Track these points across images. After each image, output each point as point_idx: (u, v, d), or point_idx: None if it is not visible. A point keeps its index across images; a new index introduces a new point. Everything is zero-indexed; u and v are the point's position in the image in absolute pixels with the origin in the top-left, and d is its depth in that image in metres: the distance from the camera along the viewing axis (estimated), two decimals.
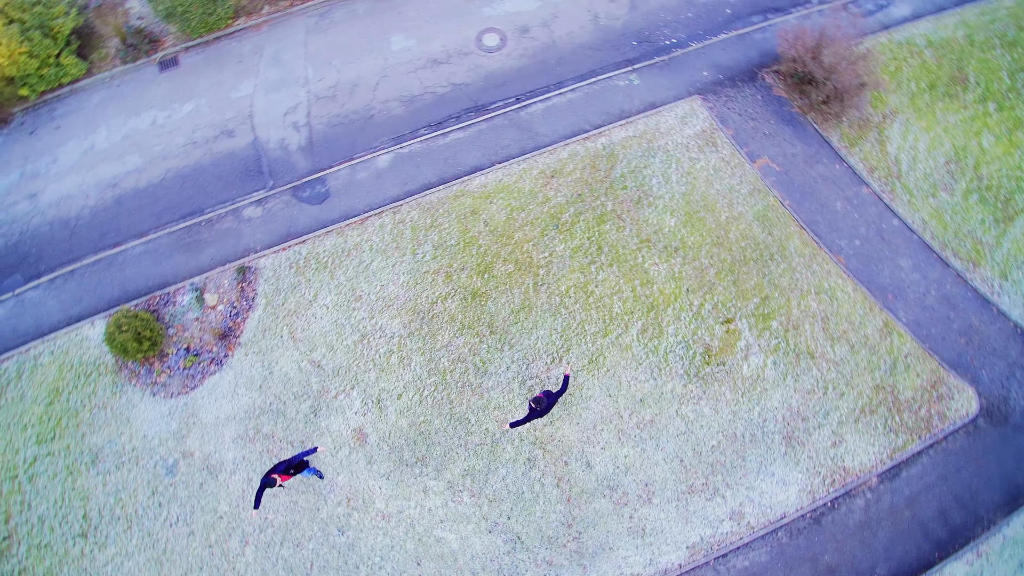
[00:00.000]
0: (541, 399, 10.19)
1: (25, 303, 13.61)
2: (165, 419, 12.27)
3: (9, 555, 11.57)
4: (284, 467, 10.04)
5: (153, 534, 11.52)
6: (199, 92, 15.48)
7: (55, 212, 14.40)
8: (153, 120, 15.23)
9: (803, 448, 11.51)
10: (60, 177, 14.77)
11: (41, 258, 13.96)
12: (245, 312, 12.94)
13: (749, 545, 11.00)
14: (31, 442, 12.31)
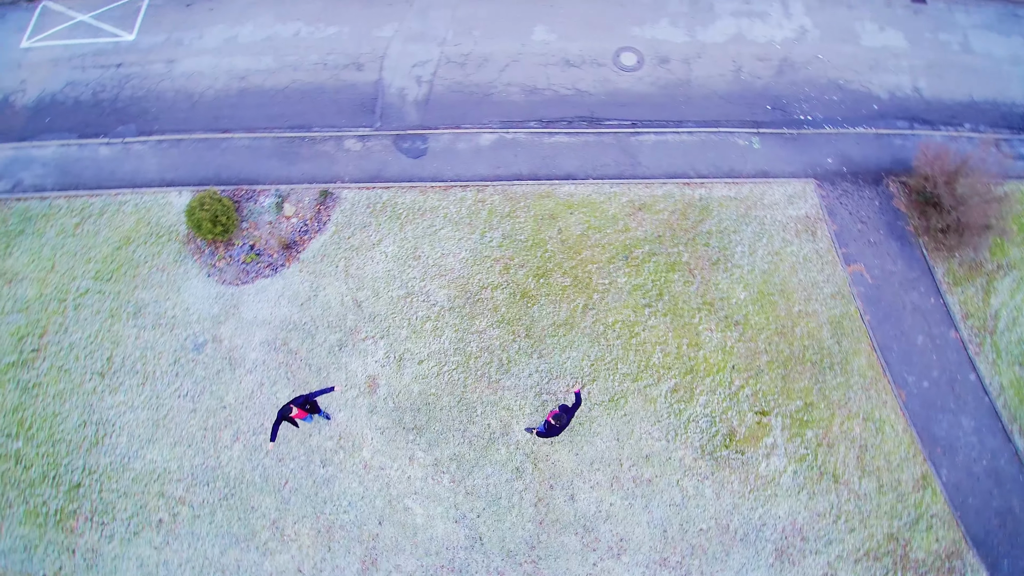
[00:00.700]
0: (560, 416, 9.81)
1: (130, 153, 14.29)
2: (210, 301, 12.62)
3: (32, 366, 12.24)
4: (302, 401, 10.05)
5: (161, 398, 11.89)
6: (345, 20, 15.74)
7: (184, 83, 15.02)
8: (296, 32, 15.62)
9: (792, 568, 10.64)
10: (199, 54, 15.39)
11: (158, 119, 14.61)
12: (314, 232, 13.11)
13: None
14: (89, 276, 12.93)
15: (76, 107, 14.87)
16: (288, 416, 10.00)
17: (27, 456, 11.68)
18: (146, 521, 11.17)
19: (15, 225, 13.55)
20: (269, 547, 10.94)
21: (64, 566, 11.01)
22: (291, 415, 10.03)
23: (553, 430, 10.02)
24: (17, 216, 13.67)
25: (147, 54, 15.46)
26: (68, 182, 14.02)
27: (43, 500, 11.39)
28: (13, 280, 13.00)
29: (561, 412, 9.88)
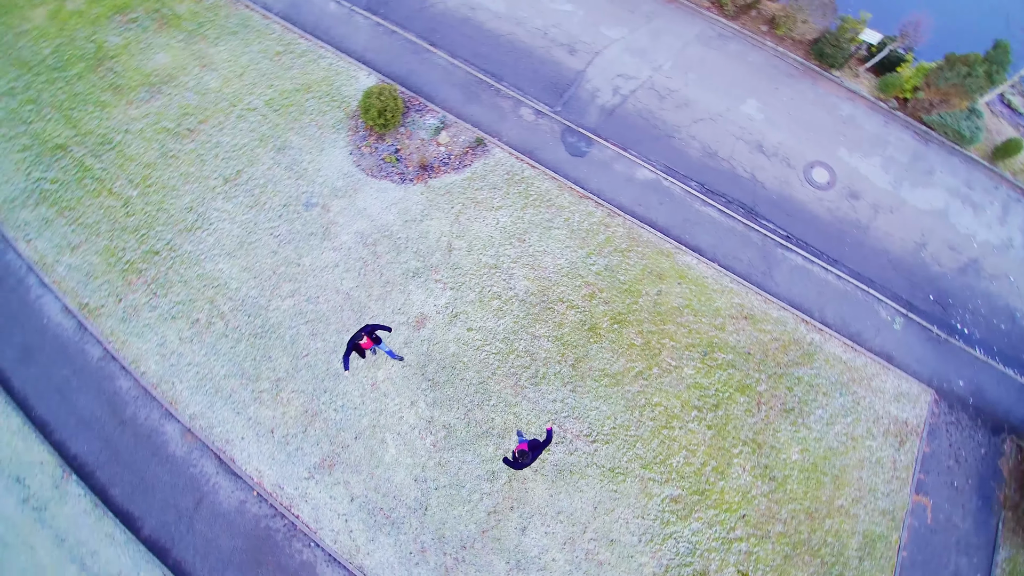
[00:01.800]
0: (527, 452, 9.04)
1: (351, 20, 14.96)
2: (339, 175, 13.02)
3: (180, 141, 13.23)
4: (369, 330, 10.04)
5: (257, 227, 12.47)
6: (584, 4, 15.50)
7: None
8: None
9: None
10: None
11: (387, 4, 15.20)
12: (451, 168, 13.13)
13: None
14: (263, 98, 13.75)
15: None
16: (357, 344, 9.99)
17: (134, 206, 12.70)
18: (186, 313, 11.84)
19: (232, 25, 14.66)
20: (262, 397, 11.26)
21: (107, 303, 11.94)
22: (360, 343, 10.00)
23: (516, 464, 9.23)
24: (238, 19, 14.76)
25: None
26: (291, 16, 14.93)
27: (124, 247, 12.37)
28: (207, 67, 14.07)
29: (529, 449, 9.15)
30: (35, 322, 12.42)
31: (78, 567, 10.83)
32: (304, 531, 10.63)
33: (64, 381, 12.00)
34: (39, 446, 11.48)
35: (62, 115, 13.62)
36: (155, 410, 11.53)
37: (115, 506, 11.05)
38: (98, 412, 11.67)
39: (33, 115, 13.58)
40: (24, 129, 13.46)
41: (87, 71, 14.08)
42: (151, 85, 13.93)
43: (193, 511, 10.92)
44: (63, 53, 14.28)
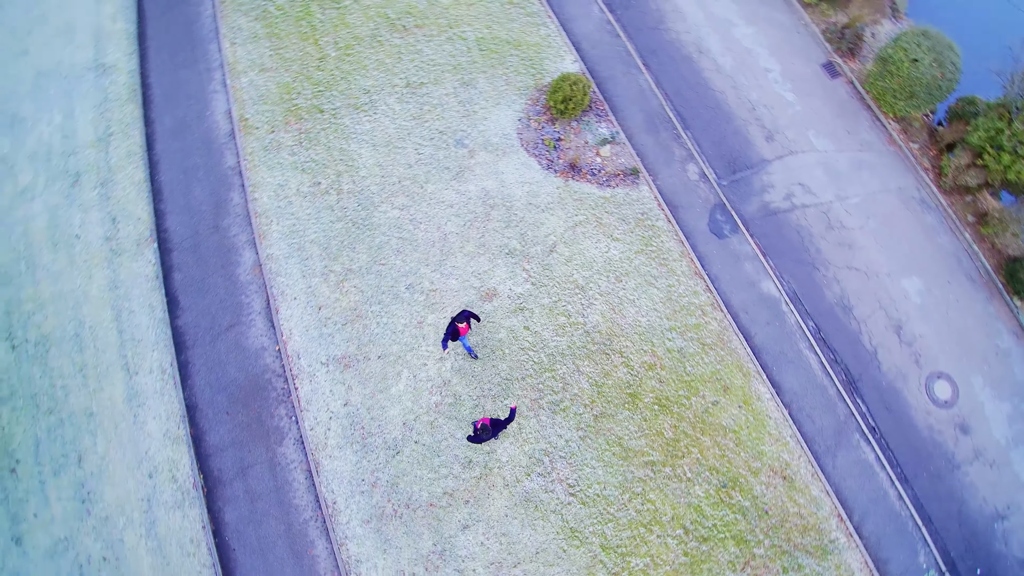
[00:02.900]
0: (488, 427, 9.46)
1: (587, 8, 14.89)
2: (498, 132, 13.11)
3: (389, 36, 13.83)
4: (467, 315, 10.02)
5: (409, 135, 12.93)
6: (806, 103, 14.41)
7: (674, 26, 15.09)
8: (768, 67, 14.71)
9: None
10: (693, 5, 15.29)
11: (629, 11, 15.00)
12: (596, 181, 12.78)
13: None
14: (475, 35, 14.07)
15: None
16: (455, 328, 9.94)
17: (327, 64, 13.69)
18: (314, 172, 12.58)
19: None
20: (328, 276, 11.79)
21: (261, 127, 12.90)
22: (460, 326, 9.97)
23: (478, 437, 9.59)
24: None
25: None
26: None
27: (300, 92, 13.34)
28: None
29: (491, 424, 9.49)
30: (200, 109, 13.61)
31: (112, 316, 11.87)
32: (293, 404, 11.00)
33: (194, 167, 13.07)
34: (145, 204, 12.65)
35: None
36: (245, 233, 12.32)
37: (170, 287, 11.98)
38: (204, 207, 12.66)
39: None
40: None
41: None
42: None
43: (223, 331, 11.62)
44: None
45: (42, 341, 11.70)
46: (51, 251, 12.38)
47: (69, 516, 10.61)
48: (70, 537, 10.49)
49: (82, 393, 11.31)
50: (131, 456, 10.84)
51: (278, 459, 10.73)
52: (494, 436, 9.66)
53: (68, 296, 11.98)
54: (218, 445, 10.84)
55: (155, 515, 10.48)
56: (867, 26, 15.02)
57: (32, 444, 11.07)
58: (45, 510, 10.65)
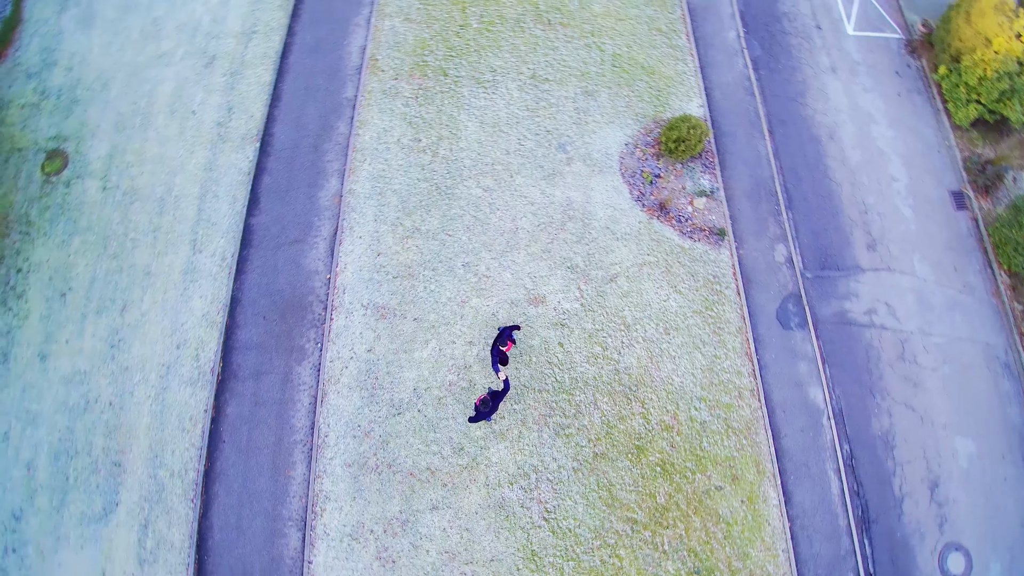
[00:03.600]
0: (487, 400, 9.50)
1: (730, 57, 14.38)
2: (603, 151, 12.87)
3: (541, 28, 13.81)
4: (508, 332, 9.96)
5: (517, 124, 12.93)
6: (921, 222, 13.40)
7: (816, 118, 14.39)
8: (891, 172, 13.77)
9: None
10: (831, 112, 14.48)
11: (774, 73, 14.40)
12: (679, 228, 12.33)
13: None
14: (612, 48, 13.85)
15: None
16: (501, 348, 9.83)
17: (466, 33, 13.93)
18: (419, 129, 12.82)
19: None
20: (397, 229, 11.99)
21: (386, 71, 13.27)
22: (504, 348, 9.88)
23: (480, 414, 9.57)
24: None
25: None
26: (697, 10, 14.70)
27: (433, 51, 13.71)
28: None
29: (488, 397, 9.55)
30: (340, 37, 14.07)
31: (198, 193, 12.46)
32: (324, 332, 11.22)
33: (315, 87, 13.51)
34: (261, 106, 13.23)
35: None
36: (338, 162, 12.64)
37: (256, 186, 12.47)
38: (311, 126, 13.08)
39: None
40: None
41: None
42: None
43: (287, 243, 11.99)
44: None
45: (131, 192, 12.43)
46: (167, 117, 13.11)
47: (95, 355, 11.25)
48: (88, 373, 11.12)
49: (147, 251, 11.94)
50: (168, 323, 11.37)
51: (292, 376, 10.99)
52: (493, 411, 9.62)
53: (167, 162, 12.66)
54: (245, 343, 11.21)
55: (168, 383, 10.96)
56: (1012, 169, 13.81)
57: (88, 279, 11.79)
58: (77, 341, 11.33)
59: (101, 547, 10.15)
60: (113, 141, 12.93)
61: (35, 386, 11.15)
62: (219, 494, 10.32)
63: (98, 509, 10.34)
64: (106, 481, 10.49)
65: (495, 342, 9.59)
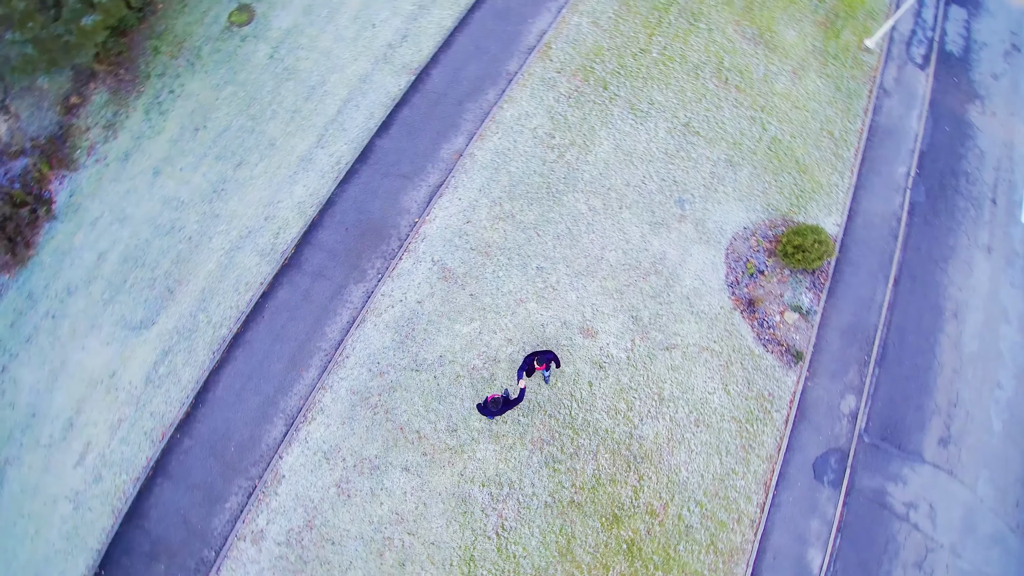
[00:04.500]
0: (498, 400, 9.07)
1: (891, 190, 13.21)
2: (718, 225, 12.19)
3: (719, 83, 13.23)
4: (553, 356, 9.47)
5: (646, 158, 12.44)
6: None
7: None
8: None
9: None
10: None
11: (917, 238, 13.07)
12: (757, 330, 11.51)
13: None
14: (775, 127, 13.06)
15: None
16: (535, 363, 9.43)
17: (643, 59, 13.43)
18: (556, 128, 12.61)
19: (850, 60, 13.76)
20: (494, 209, 11.93)
21: (551, 62, 13.06)
22: (539, 365, 9.47)
23: (487, 410, 9.19)
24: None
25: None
26: (879, 126, 13.55)
27: (604, 62, 13.21)
28: (787, 68, 13.58)
29: (501, 398, 9.11)
30: (529, 14, 14.06)
31: (343, 96, 12.88)
32: (388, 267, 11.37)
33: (484, 49, 13.61)
34: (432, 45, 13.46)
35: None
36: (472, 124, 12.72)
37: (394, 115, 12.78)
38: (463, 84, 13.17)
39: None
40: None
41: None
42: (759, 36, 13.86)
43: (397, 174, 12.22)
44: None
45: (291, 70, 13.07)
46: (350, 20, 13.66)
47: (198, 191, 11.97)
48: (185, 203, 11.87)
49: (280, 126, 12.54)
50: (268, 195, 11.91)
51: (344, 291, 11.23)
52: (499, 413, 9.34)
53: (332, 58, 13.20)
54: (321, 242, 11.57)
55: (243, 245, 11.51)
56: None
57: (222, 126, 12.55)
58: (189, 173, 12.11)
59: (123, 352, 10.87)
60: (297, 20, 13.62)
61: (138, 193, 12.03)
62: (237, 359, 10.76)
63: (136, 319, 11.06)
64: (154, 300, 11.19)
65: (535, 353, 9.31)
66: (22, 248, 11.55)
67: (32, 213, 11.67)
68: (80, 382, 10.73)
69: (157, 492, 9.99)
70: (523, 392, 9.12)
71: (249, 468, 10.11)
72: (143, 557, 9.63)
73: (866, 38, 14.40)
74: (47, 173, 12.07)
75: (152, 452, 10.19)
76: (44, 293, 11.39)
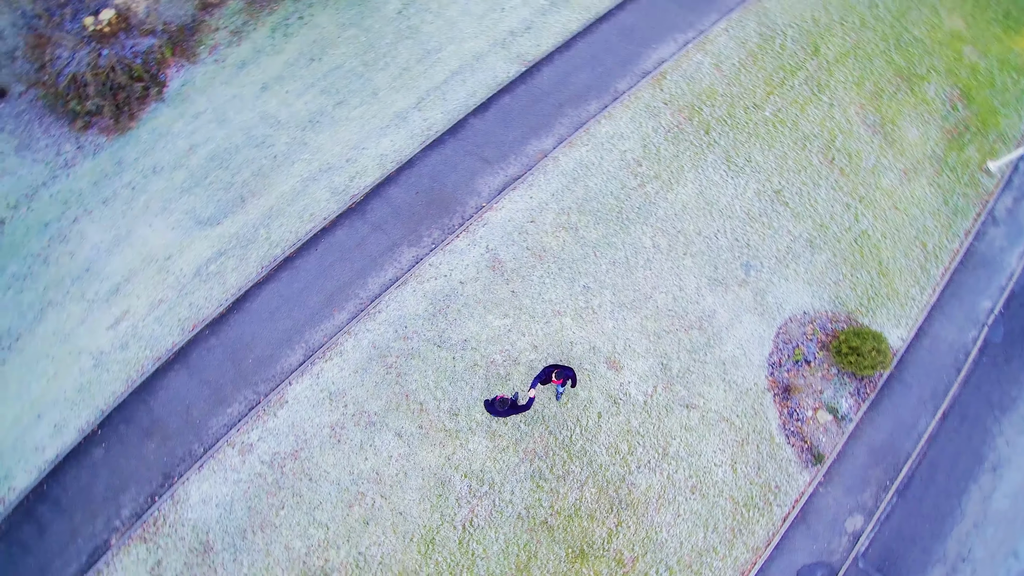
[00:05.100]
0: (506, 400, 8.86)
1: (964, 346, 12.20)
2: (778, 300, 11.57)
3: (828, 164, 12.54)
4: (572, 375, 9.13)
5: (726, 213, 11.94)
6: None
7: None
8: None
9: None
10: None
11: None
12: (784, 418, 10.86)
13: None
14: (869, 223, 12.28)
15: None
16: (553, 376, 9.08)
17: (755, 112, 12.72)
18: (643, 163, 12.23)
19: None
20: (561, 219, 11.59)
21: (662, 90, 12.63)
22: (557, 379, 9.11)
23: (493, 408, 8.99)
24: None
25: None
26: (973, 254, 12.52)
27: (721, 105, 12.68)
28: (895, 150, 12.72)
29: (510, 402, 8.86)
30: (652, 39, 13.67)
31: (453, 69, 12.85)
32: (443, 240, 11.31)
33: (600, 59, 13.34)
34: (551, 44, 13.25)
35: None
36: (565, 129, 12.52)
37: (493, 99, 12.68)
38: (572, 85, 13.02)
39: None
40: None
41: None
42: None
43: (476, 157, 12.14)
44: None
45: (413, 30, 13.25)
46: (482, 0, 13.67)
47: (294, 117, 12.25)
48: (280, 124, 12.17)
49: (386, 78, 12.70)
50: (355, 139, 12.11)
51: (396, 250, 11.27)
52: (503, 415, 9.15)
53: (453, 28, 13.24)
54: (389, 197, 11.65)
55: (319, 178, 11.73)
56: None
57: (335, 64, 12.88)
58: (292, 97, 12.45)
59: (183, 240, 11.26)
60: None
61: (242, 101, 12.43)
62: (280, 280, 10.97)
63: (204, 215, 11.44)
64: (226, 203, 11.55)
65: (556, 367, 9.05)
66: (126, 119, 12.13)
67: (144, 90, 12.22)
68: (138, 255, 11.19)
69: (171, 377, 10.31)
70: (531, 401, 8.88)
71: (259, 383, 10.30)
72: (139, 431, 9.97)
73: (990, 160, 13.32)
74: (168, 58, 12.61)
75: (179, 339, 10.52)
76: (132, 165, 11.93)
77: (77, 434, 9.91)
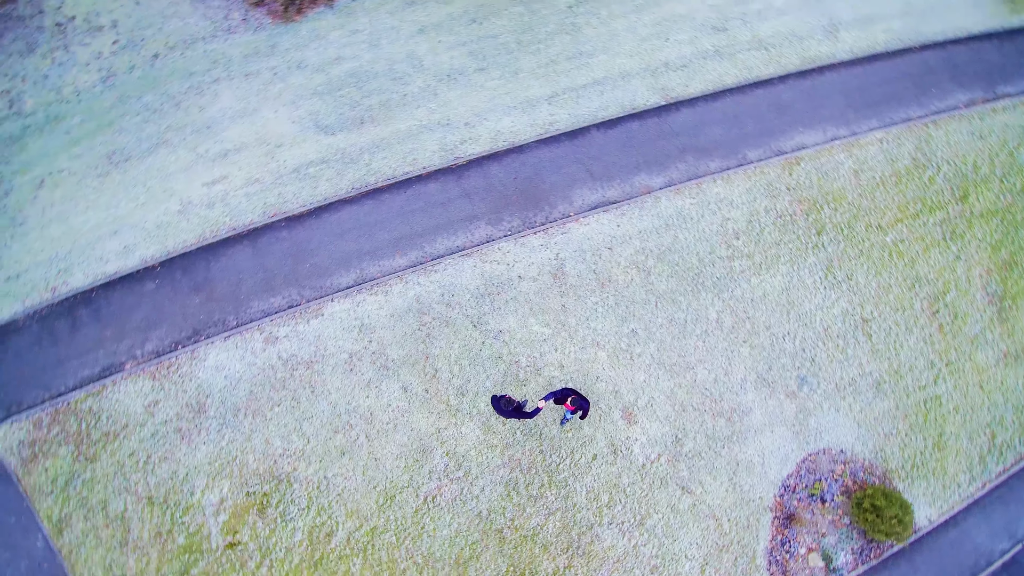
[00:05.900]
0: (512, 400, 8.87)
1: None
2: (820, 425, 10.65)
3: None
4: (586, 407, 8.82)
5: (792, 319, 11.04)
6: None
7: None
8: None
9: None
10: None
11: None
12: (775, 546, 9.98)
13: None
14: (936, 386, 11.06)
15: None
16: (569, 399, 8.73)
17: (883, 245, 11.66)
18: (719, 239, 11.43)
19: None
20: (611, 267, 11.08)
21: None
22: (566, 401, 8.77)
23: (499, 406, 9.03)
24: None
25: None
26: None
27: (841, 212, 11.72)
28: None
29: (516, 404, 8.91)
30: (781, 129, 12.77)
31: (597, 78, 12.47)
32: (518, 233, 11.09)
33: (743, 119, 12.58)
34: (701, 90, 12.63)
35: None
36: (680, 174, 11.90)
37: (622, 121, 12.25)
38: (700, 132, 12.34)
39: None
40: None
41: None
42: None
43: (583, 168, 11.82)
44: None
45: (575, 27, 12.99)
46: (651, 24, 13.20)
47: (437, 65, 12.32)
48: (423, 68, 12.26)
49: (531, 64, 12.53)
50: (480, 107, 12.04)
51: (473, 223, 11.15)
52: (505, 415, 8.98)
53: (614, 41, 12.92)
54: (487, 173, 11.48)
55: (434, 129, 11.75)
56: None
57: (492, 32, 12.81)
58: (443, 49, 12.50)
59: (297, 136, 11.59)
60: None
61: (398, 34, 12.62)
62: (363, 206, 11.09)
63: (324, 123, 11.71)
64: (346, 119, 11.77)
65: (575, 392, 8.68)
66: (294, 11, 12.63)
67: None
68: (254, 133, 11.64)
69: (238, 249, 10.70)
70: (537, 411, 8.58)
71: (306, 288, 10.52)
72: (191, 283, 10.42)
73: None
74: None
75: (258, 220, 10.89)
76: (282, 53, 12.40)
77: (139, 262, 10.48)
